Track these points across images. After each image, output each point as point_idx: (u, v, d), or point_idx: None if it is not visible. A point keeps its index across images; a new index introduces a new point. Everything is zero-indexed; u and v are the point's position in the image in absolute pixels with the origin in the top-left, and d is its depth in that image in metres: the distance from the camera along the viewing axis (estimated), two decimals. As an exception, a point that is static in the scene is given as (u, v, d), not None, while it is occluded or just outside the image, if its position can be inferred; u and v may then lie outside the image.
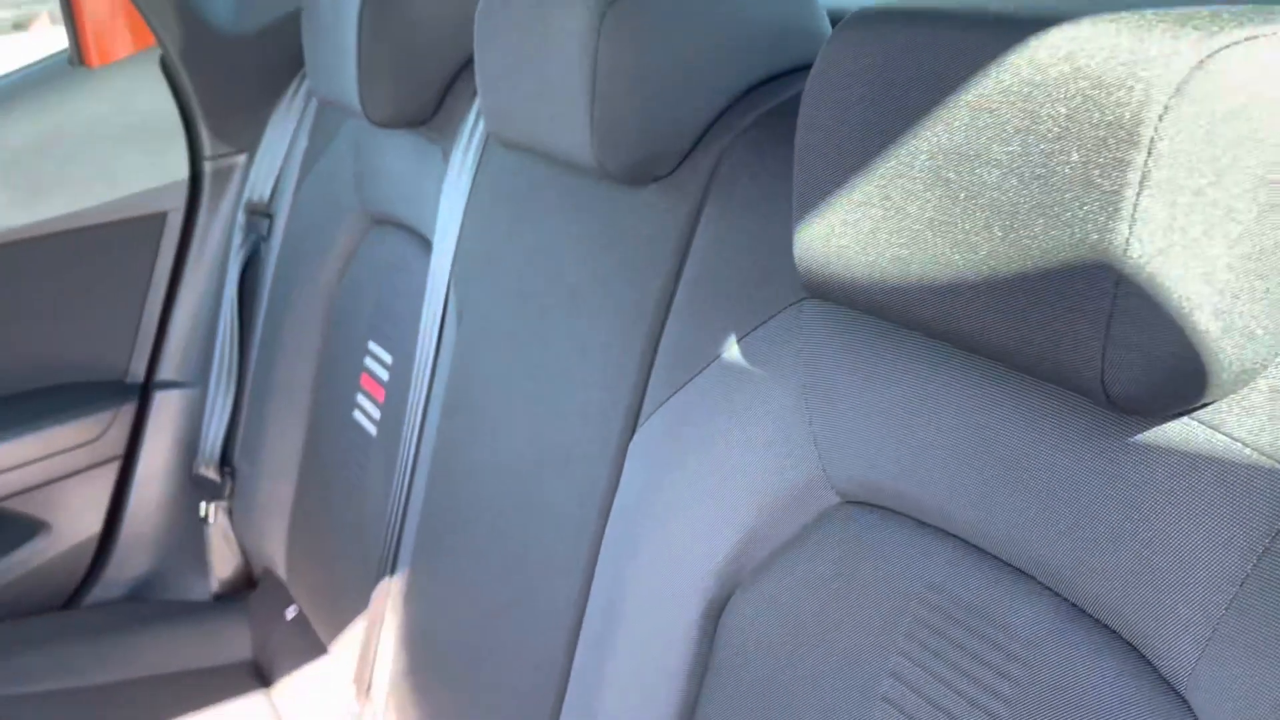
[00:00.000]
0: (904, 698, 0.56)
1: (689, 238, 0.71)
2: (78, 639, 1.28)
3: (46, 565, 1.37)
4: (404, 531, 0.98)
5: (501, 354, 0.87)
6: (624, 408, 0.74)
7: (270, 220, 1.33)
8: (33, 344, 1.34)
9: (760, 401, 0.64)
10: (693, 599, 0.67)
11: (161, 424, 1.41)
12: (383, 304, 1.12)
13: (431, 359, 0.98)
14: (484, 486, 0.87)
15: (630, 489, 0.72)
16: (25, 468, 1.31)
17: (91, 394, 1.37)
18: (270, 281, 1.31)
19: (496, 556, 0.84)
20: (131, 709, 1.19)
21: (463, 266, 0.95)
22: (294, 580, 1.24)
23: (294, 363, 1.25)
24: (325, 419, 1.19)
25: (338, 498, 1.14)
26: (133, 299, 1.38)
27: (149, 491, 1.42)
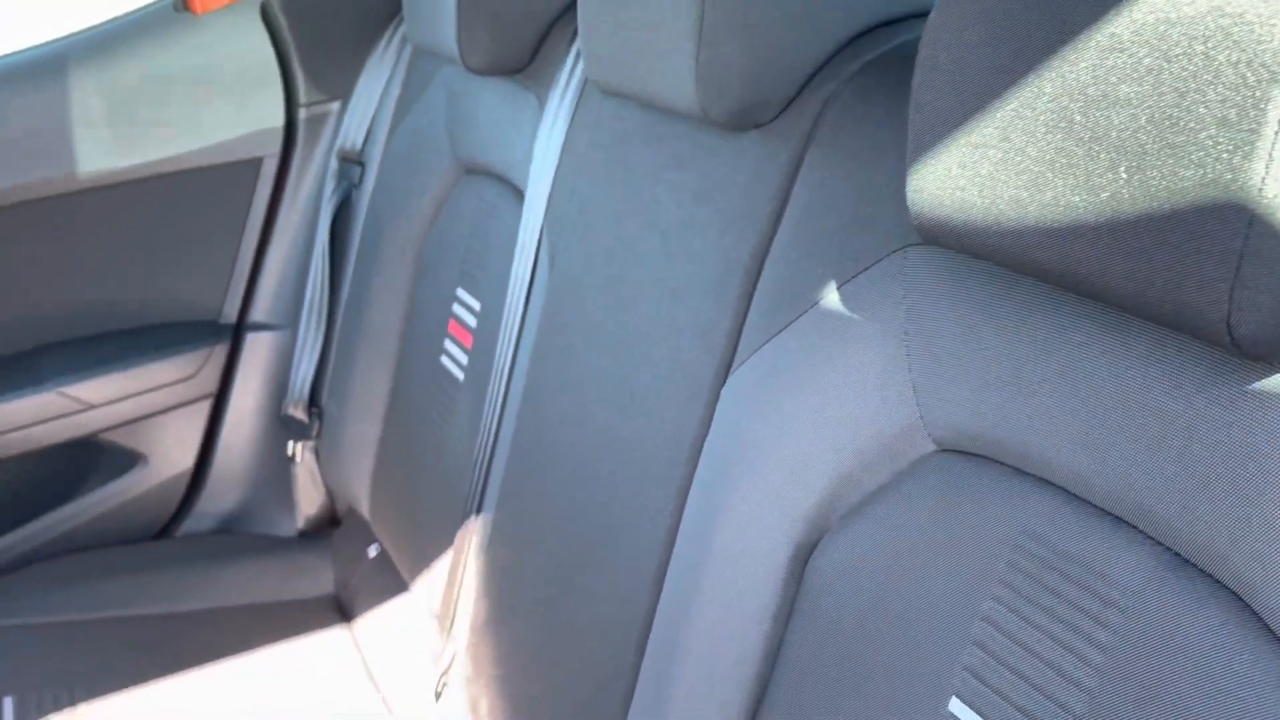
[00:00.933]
0: (995, 642, 0.56)
1: (789, 185, 0.71)
2: (169, 567, 1.34)
3: (142, 496, 1.43)
4: (490, 474, 1.01)
5: (593, 301, 0.88)
6: (717, 354, 0.74)
7: (362, 168, 1.36)
8: (134, 283, 1.39)
9: (859, 348, 0.64)
10: (781, 542, 0.68)
11: (253, 364, 1.46)
12: (472, 252, 1.14)
13: (522, 306, 0.99)
14: (571, 431, 0.89)
15: (721, 434, 0.72)
16: (125, 401, 1.37)
17: (187, 333, 1.42)
18: (361, 228, 1.34)
19: (582, 499, 0.86)
20: (218, 636, 1.23)
21: (555, 214, 0.96)
22: (377, 519, 1.27)
23: (382, 308, 1.27)
24: (412, 364, 1.22)
25: (423, 441, 1.17)
26: (228, 242, 1.43)
27: (239, 429, 1.47)
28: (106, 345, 1.37)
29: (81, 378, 1.32)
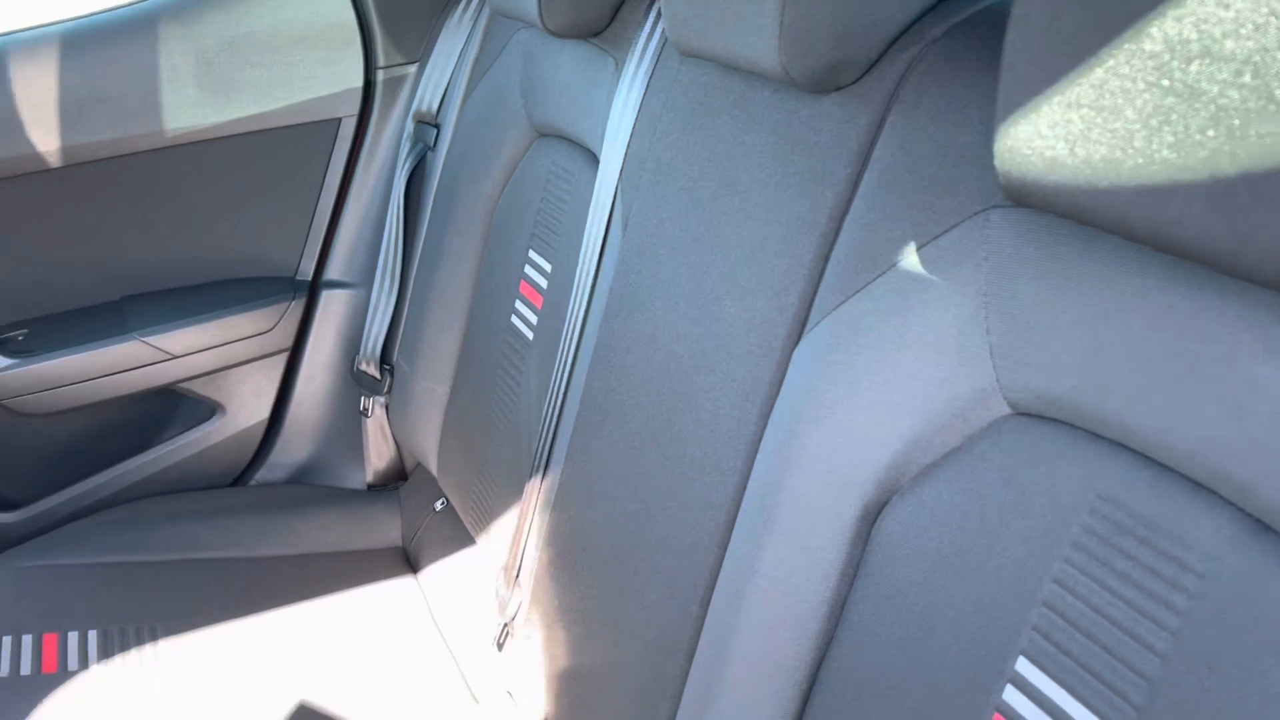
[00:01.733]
0: (1066, 603, 0.56)
1: (870, 146, 0.71)
2: (244, 514, 1.38)
3: (220, 445, 1.48)
4: (558, 431, 1.02)
5: (666, 262, 0.89)
6: (790, 315, 0.75)
7: (437, 130, 1.38)
8: (216, 239, 1.43)
9: (936, 310, 0.64)
10: (850, 502, 0.69)
11: (327, 321, 1.49)
12: (544, 214, 1.15)
13: (594, 267, 1.00)
14: (641, 389, 0.90)
15: (792, 394, 0.73)
16: (205, 353, 1.41)
17: (266, 289, 1.45)
18: (435, 189, 1.36)
19: (650, 456, 0.87)
20: (290, 581, 1.27)
21: (630, 176, 0.97)
22: (444, 474, 1.30)
23: (454, 268, 1.29)
24: (482, 323, 1.24)
25: (491, 398, 1.19)
26: (306, 201, 1.46)
27: (313, 383, 1.51)
28: (189, 298, 1.41)
29: (164, 328, 1.37)
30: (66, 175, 1.29)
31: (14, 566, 1.21)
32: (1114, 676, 0.54)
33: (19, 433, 1.38)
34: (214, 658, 1.12)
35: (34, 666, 1.07)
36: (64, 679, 1.06)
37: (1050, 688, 0.57)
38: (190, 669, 1.10)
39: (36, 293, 1.35)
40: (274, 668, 1.12)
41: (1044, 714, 0.57)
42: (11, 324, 1.33)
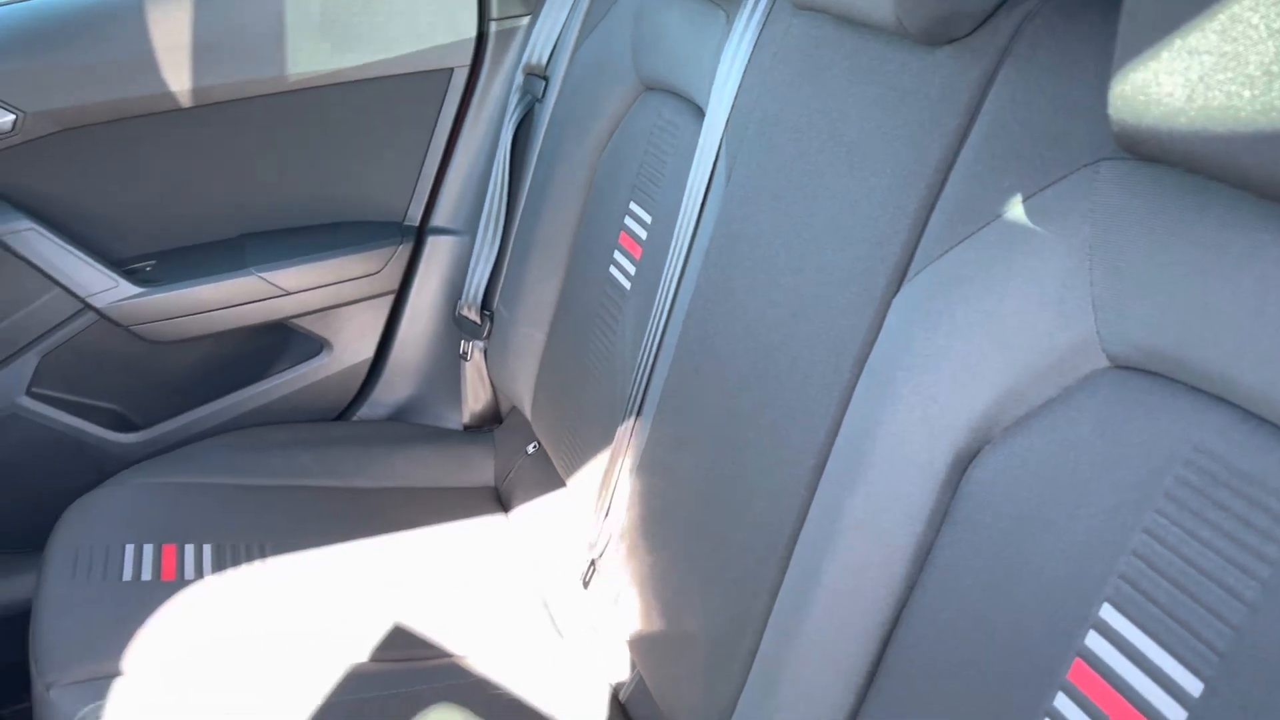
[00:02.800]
0: (1156, 554, 0.57)
1: (980, 99, 0.71)
2: (346, 447, 1.45)
3: (326, 380, 1.55)
4: (652, 377, 1.05)
5: (768, 213, 0.91)
6: (891, 265, 0.76)
7: (546, 82, 1.41)
8: (331, 182, 1.49)
9: (1039, 261, 0.65)
10: (941, 450, 0.70)
11: (432, 266, 1.55)
12: (646, 167, 1.17)
13: (695, 218, 1.02)
14: (736, 337, 0.92)
15: (889, 342, 0.74)
16: (315, 291, 1.47)
17: (375, 232, 1.51)
18: (541, 141, 1.40)
19: (742, 402, 0.89)
20: (388, 512, 1.33)
21: (736, 129, 0.98)
22: (538, 419, 1.34)
23: (556, 218, 1.33)
24: (582, 272, 1.27)
25: (587, 346, 1.22)
26: (416, 148, 1.51)
27: (416, 326, 1.56)
28: (304, 238, 1.48)
29: (279, 265, 1.43)
30: (196, 116, 1.36)
31: (136, 483, 1.30)
32: (1200, 625, 0.54)
33: (143, 360, 1.46)
34: (316, 577, 1.18)
35: (154, 573, 1.14)
36: (181, 586, 1.13)
37: (1134, 635, 0.58)
38: (294, 585, 1.16)
39: (164, 227, 1.42)
40: (371, 591, 1.18)
41: (1126, 660, 0.58)
42: (141, 256, 1.41)
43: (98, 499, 1.26)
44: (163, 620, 1.08)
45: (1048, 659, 0.62)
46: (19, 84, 1.25)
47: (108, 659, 1.03)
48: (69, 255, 1.32)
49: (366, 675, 1.06)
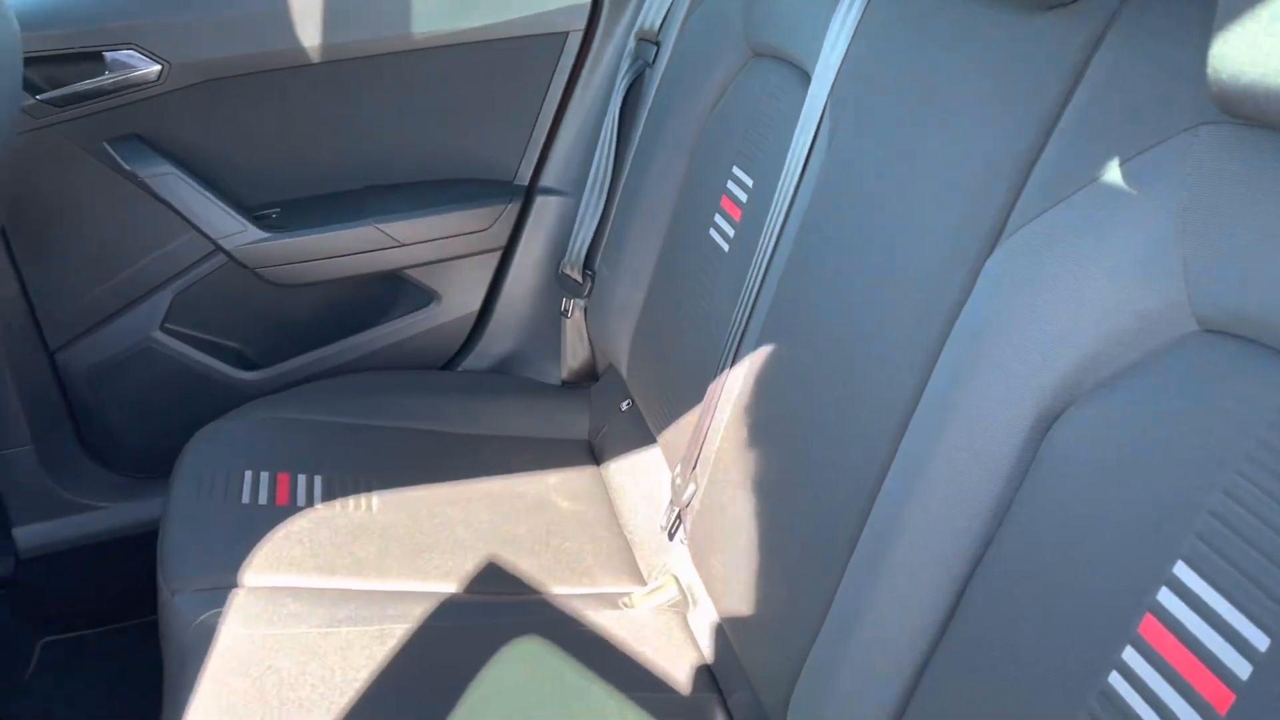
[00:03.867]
0: (1233, 514, 0.58)
1: (1084, 63, 0.72)
2: (450, 394, 1.51)
3: (435, 330, 1.62)
4: (744, 337, 1.08)
5: (869, 175, 0.92)
6: (986, 226, 0.77)
7: (657, 48, 1.44)
8: (446, 140, 1.55)
9: (1133, 224, 0.65)
10: (1025, 409, 0.71)
11: (539, 225, 1.60)
12: (752, 132, 1.19)
13: (795, 181, 1.04)
14: (829, 297, 0.94)
15: (979, 302, 0.76)
16: (427, 244, 1.54)
17: (486, 190, 1.57)
18: (649, 105, 1.43)
19: (831, 359, 0.92)
20: (485, 457, 1.39)
21: (840, 93, 1.00)
22: (632, 377, 1.38)
23: (660, 182, 1.36)
24: (682, 235, 1.30)
25: (683, 307, 1.25)
26: (529, 110, 1.55)
27: (521, 282, 1.62)
28: (419, 193, 1.54)
29: (396, 218, 1.50)
30: (325, 72, 1.43)
31: (256, 416, 1.38)
32: (1273, 582, 0.55)
33: (266, 302, 1.55)
34: (416, 512, 1.25)
35: (269, 498, 1.22)
36: (293, 511, 1.21)
37: (1207, 592, 0.58)
38: (397, 520, 1.23)
39: (291, 177, 1.50)
40: (467, 528, 1.24)
41: (1197, 616, 0.59)
42: (269, 203, 1.50)
43: (221, 429, 1.35)
44: (275, 541, 1.16)
45: (1119, 613, 0.63)
46: (167, 37, 1.34)
47: (226, 572, 1.11)
48: (204, 199, 1.41)
49: (459, 604, 1.12)
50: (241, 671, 0.98)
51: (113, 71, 1.32)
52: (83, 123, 1.35)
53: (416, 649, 1.04)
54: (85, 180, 1.39)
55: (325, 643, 1.03)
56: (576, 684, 1.03)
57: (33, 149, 1.33)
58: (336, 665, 1.01)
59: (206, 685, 0.97)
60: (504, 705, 0.99)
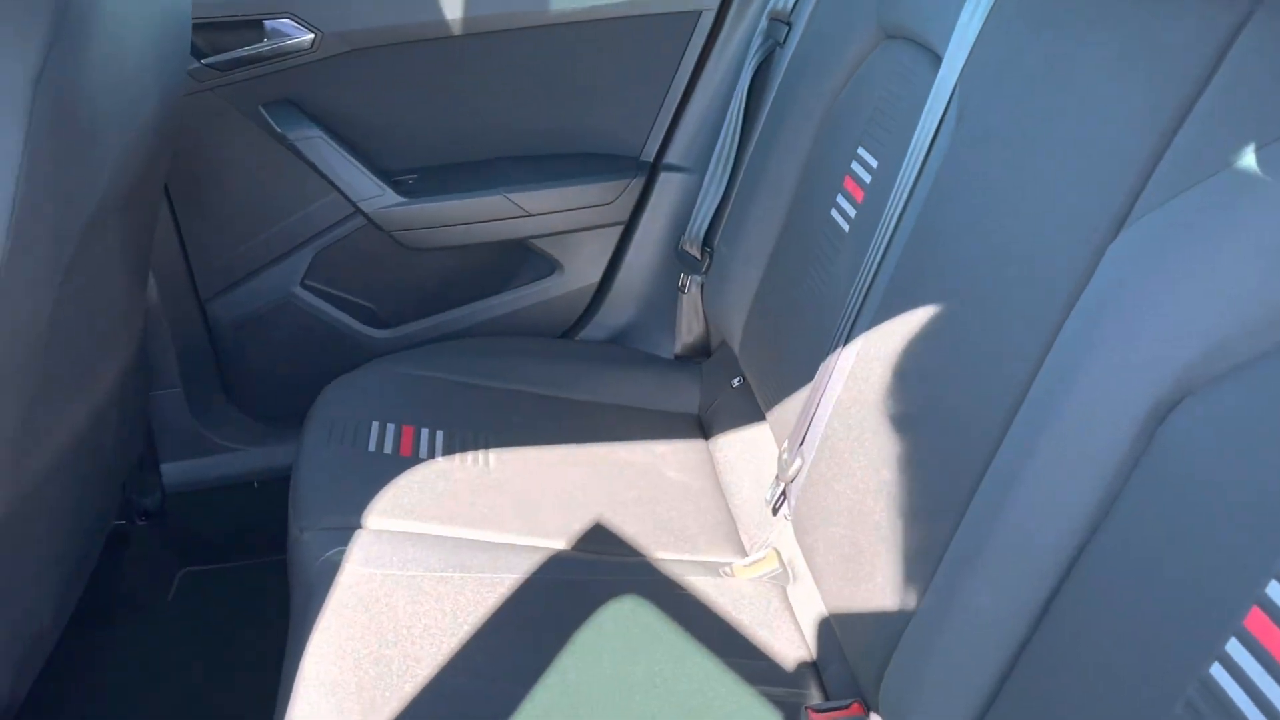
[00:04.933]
0: (1352, 508, 0.56)
1: (1227, 46, 0.70)
2: (568, 362, 1.56)
3: (555, 300, 1.67)
4: (859, 316, 1.08)
5: (995, 158, 0.92)
6: (1112, 210, 0.76)
7: (789, 28, 1.44)
8: (577, 114, 1.59)
9: (1264, 213, 0.64)
10: (1142, 396, 0.70)
11: (661, 201, 1.62)
12: (879, 113, 1.19)
13: (920, 161, 1.04)
14: (946, 279, 0.94)
15: (1101, 286, 0.75)
16: (554, 215, 1.58)
17: (612, 165, 1.60)
18: (777, 85, 1.44)
19: (946, 340, 0.92)
20: (597, 424, 1.43)
21: (970, 75, 0.99)
22: (745, 354, 1.40)
23: (784, 161, 1.37)
24: (803, 214, 1.31)
25: (799, 286, 1.26)
26: (658, 87, 1.58)
27: (641, 256, 1.65)
28: (547, 165, 1.59)
29: (525, 188, 1.55)
30: (464, 45, 1.49)
31: (384, 371, 1.45)
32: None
33: (399, 265, 1.63)
34: (530, 470, 1.30)
35: (394, 448, 1.29)
36: (415, 462, 1.27)
37: (1319, 587, 0.57)
38: (511, 477, 1.28)
39: (427, 145, 1.57)
40: (579, 491, 1.28)
41: None
42: (405, 169, 1.56)
43: (352, 381, 1.42)
44: (398, 488, 1.22)
45: (1226, 605, 0.62)
46: (320, 7, 1.41)
47: (351, 513, 1.18)
48: (347, 163, 1.49)
49: (565, 560, 1.16)
50: (361, 607, 1.05)
51: (270, 39, 1.41)
52: (241, 86, 1.44)
53: (523, 599, 1.09)
54: (240, 141, 1.48)
55: (439, 587, 1.08)
56: (674, 644, 1.05)
57: (195, 110, 1.42)
58: (448, 608, 1.06)
59: (328, 617, 1.04)
60: (602, 660, 1.03)
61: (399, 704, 0.95)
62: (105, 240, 1.13)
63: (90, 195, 1.04)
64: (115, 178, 1.09)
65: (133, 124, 1.11)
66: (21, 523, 1.09)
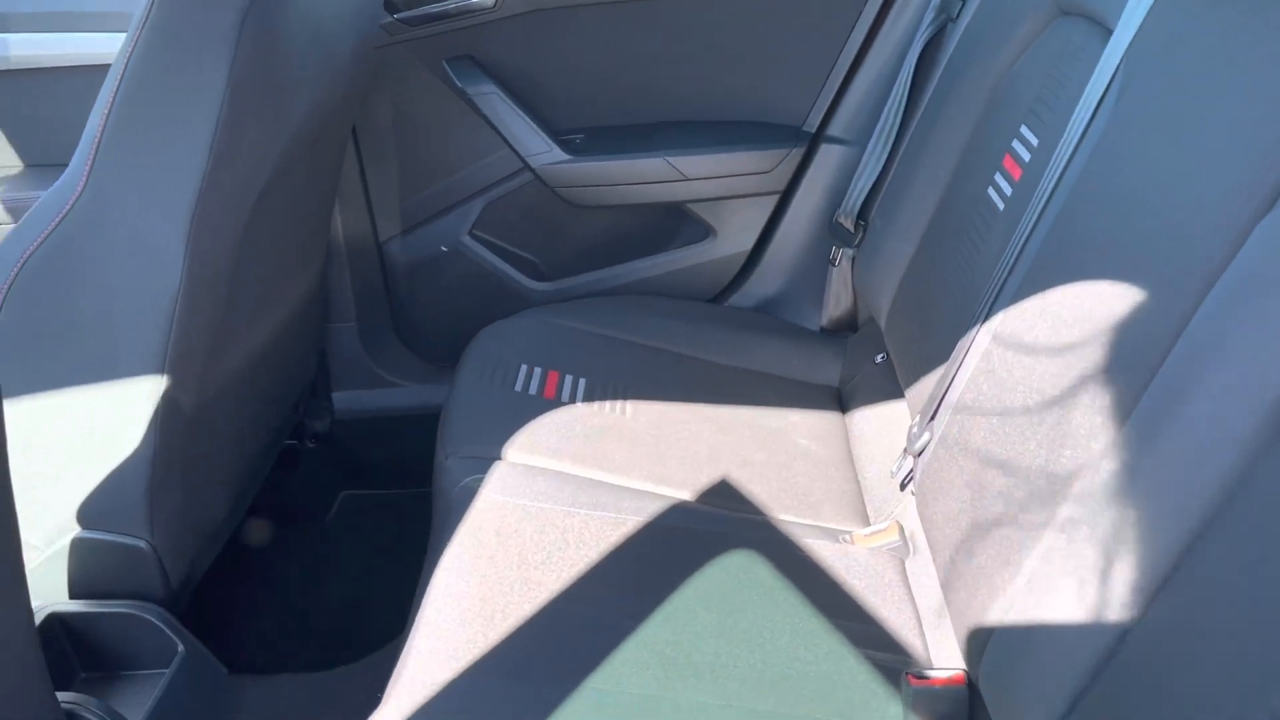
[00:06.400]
0: None
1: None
2: (714, 326, 1.59)
3: (707, 264, 1.70)
4: (1002, 292, 1.07)
5: (1152, 135, 0.89)
6: (1266, 189, 0.73)
7: (963, 3, 1.42)
8: (742, 82, 1.61)
9: None
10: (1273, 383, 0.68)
11: (820, 172, 1.63)
12: (1045, 91, 1.16)
13: (1078, 137, 1.02)
14: (1088, 256, 0.92)
15: (1244, 265, 0.72)
16: (711, 180, 1.61)
17: (773, 134, 1.62)
18: (946, 60, 1.42)
19: (1082, 319, 0.90)
20: (736, 388, 1.45)
21: (1137, 50, 0.96)
22: (891, 329, 1.39)
23: (946, 138, 1.35)
24: (960, 191, 1.29)
25: (950, 264, 1.25)
26: (826, 58, 1.58)
27: (795, 227, 1.66)
28: (709, 131, 1.62)
29: (685, 153, 1.59)
30: (636, 9, 1.53)
31: (537, 319, 1.53)
32: None
33: (560, 221, 1.69)
34: (665, 425, 1.34)
35: (539, 390, 1.36)
36: (557, 405, 1.33)
37: None
38: (645, 428, 1.33)
39: (595, 106, 1.63)
40: (709, 448, 1.31)
41: None
42: (573, 129, 1.63)
43: (506, 326, 1.50)
44: (538, 427, 1.29)
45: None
46: (504, -32, 1.49)
47: (492, 445, 1.25)
48: (519, 119, 1.56)
49: (688, 510, 1.20)
50: (493, 530, 1.12)
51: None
52: (428, 41, 1.53)
53: (642, 541, 1.14)
54: (423, 94, 1.58)
55: (565, 520, 1.14)
56: (783, 600, 1.08)
57: (385, 61, 1.52)
58: (571, 541, 1.12)
59: (462, 536, 1.11)
60: (711, 605, 1.06)
61: (516, 620, 1.01)
62: (295, 172, 1.24)
63: (284, 128, 1.14)
64: (308, 116, 1.19)
65: (326, 69, 1.21)
66: (206, 424, 1.21)
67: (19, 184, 1.61)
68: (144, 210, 1.01)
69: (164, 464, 1.13)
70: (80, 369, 1.07)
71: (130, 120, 1.00)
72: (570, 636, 1.00)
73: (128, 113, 1.00)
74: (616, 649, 1.00)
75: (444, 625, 1.00)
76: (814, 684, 0.98)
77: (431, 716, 0.91)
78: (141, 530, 1.14)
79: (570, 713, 0.92)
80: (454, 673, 0.95)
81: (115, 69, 1.00)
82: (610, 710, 0.93)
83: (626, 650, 0.99)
